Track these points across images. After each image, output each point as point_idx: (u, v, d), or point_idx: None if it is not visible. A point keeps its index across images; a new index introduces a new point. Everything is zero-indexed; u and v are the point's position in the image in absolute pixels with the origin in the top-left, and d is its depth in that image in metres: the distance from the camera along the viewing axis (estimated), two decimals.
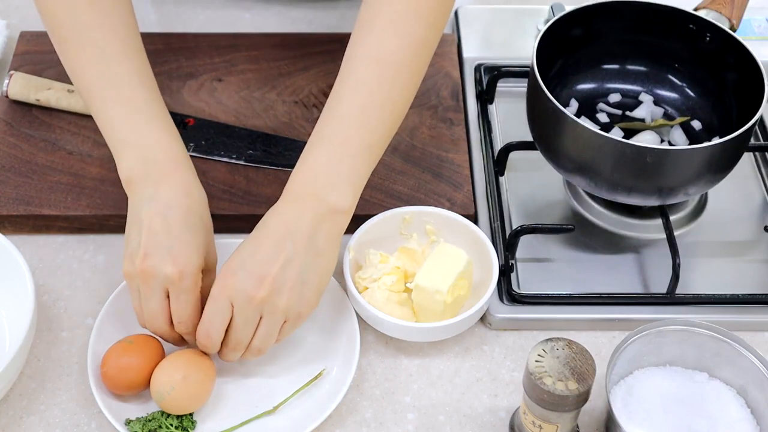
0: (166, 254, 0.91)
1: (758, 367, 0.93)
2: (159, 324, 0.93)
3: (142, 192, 0.94)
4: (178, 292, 0.92)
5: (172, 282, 0.91)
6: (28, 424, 0.95)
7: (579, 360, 0.86)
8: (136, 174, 0.95)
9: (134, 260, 0.91)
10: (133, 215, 0.95)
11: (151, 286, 0.91)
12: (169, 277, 0.90)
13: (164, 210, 0.93)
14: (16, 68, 1.22)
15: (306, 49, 1.28)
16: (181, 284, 0.91)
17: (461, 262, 1.00)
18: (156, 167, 0.95)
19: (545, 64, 1.06)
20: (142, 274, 0.91)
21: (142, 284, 0.92)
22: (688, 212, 1.13)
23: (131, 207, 0.95)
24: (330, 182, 0.94)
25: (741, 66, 1.07)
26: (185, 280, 0.91)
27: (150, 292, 0.92)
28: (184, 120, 1.18)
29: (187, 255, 0.92)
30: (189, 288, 0.92)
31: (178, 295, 0.92)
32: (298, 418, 0.94)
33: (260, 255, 0.92)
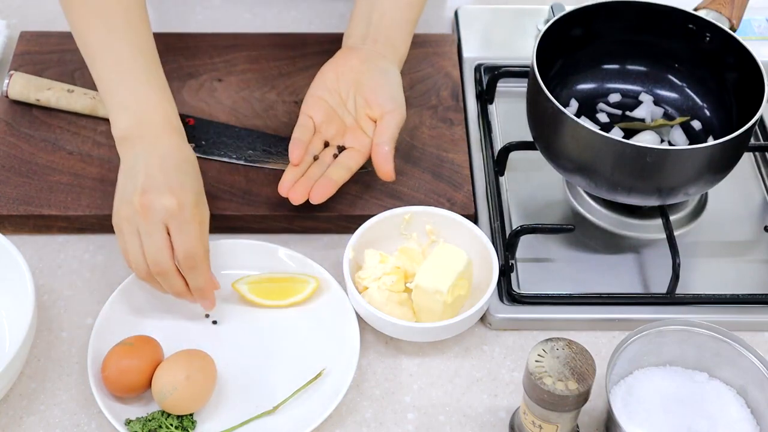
0: (164, 189, 0.95)
1: (758, 367, 0.93)
2: (163, 259, 0.95)
3: (137, 148, 0.99)
4: (180, 223, 0.94)
5: (172, 214, 0.94)
6: (28, 424, 0.95)
7: (579, 360, 0.86)
8: (132, 133, 1.00)
9: (132, 200, 0.95)
10: (127, 169, 0.99)
11: (152, 220, 0.94)
12: (169, 208, 0.94)
13: (160, 159, 0.98)
14: (16, 68, 1.22)
15: (306, 49, 1.28)
16: (181, 215, 0.94)
17: (461, 262, 1.00)
18: (152, 128, 1.00)
19: (545, 64, 1.06)
20: (141, 209, 0.94)
21: (143, 220, 0.94)
22: (688, 212, 1.13)
23: (125, 162, 0.99)
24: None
25: (741, 66, 1.07)
26: (185, 210, 0.94)
27: (152, 227, 0.94)
28: (184, 120, 1.18)
29: (185, 190, 0.96)
30: (189, 218, 0.95)
31: (180, 226, 0.94)
32: (298, 418, 0.94)
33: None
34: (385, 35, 1.13)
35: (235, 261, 1.05)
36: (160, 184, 0.95)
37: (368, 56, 1.11)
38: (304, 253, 1.06)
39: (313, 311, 1.03)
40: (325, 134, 1.09)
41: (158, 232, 0.94)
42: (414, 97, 1.23)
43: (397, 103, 1.08)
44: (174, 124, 1.02)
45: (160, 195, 0.94)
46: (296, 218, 1.10)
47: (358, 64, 1.10)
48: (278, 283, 1.04)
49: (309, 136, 1.08)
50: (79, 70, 1.23)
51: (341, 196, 1.11)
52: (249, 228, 1.11)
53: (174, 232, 0.95)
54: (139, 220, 0.94)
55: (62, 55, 1.25)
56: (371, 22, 1.13)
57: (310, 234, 1.11)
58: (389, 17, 1.13)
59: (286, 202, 1.10)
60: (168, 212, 0.94)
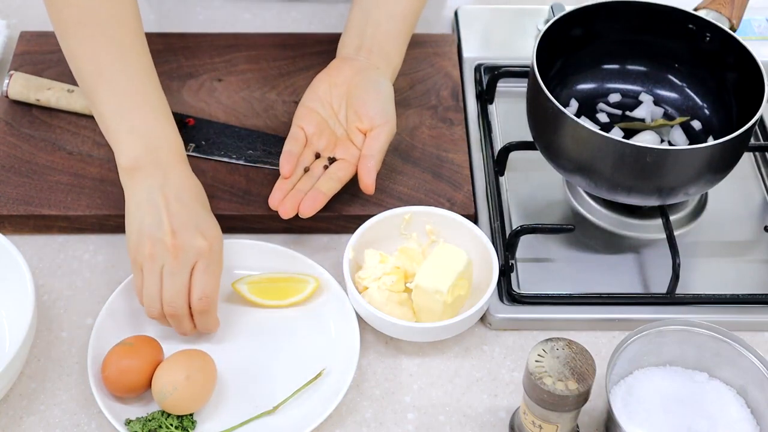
0: (194, 229, 0.96)
1: (758, 367, 0.93)
2: (180, 302, 0.95)
3: (150, 179, 0.98)
4: (207, 263, 0.96)
5: (203, 254, 0.95)
6: (28, 424, 0.95)
7: (579, 360, 0.86)
8: (143, 162, 0.99)
9: (162, 239, 0.95)
10: (142, 201, 0.97)
11: (182, 261, 0.95)
12: (201, 250, 0.95)
13: (177, 193, 0.98)
14: (16, 68, 1.22)
15: (306, 49, 1.28)
16: (210, 256, 0.96)
17: (461, 262, 1.00)
18: (163, 157, 0.99)
19: (545, 64, 1.06)
20: (174, 249, 0.94)
21: (173, 260, 0.94)
22: (688, 212, 1.13)
23: (136, 194, 0.98)
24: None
25: (741, 66, 1.07)
26: (213, 252, 0.96)
27: (179, 267, 0.95)
28: (184, 120, 1.18)
29: (212, 228, 0.98)
30: (217, 259, 0.97)
31: (207, 268, 0.96)
32: (298, 418, 0.94)
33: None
34: (380, 46, 1.13)
35: (235, 261, 1.05)
36: (189, 224, 0.96)
37: (361, 68, 1.11)
38: (304, 253, 1.06)
39: (313, 311, 1.03)
40: (316, 146, 1.09)
41: (184, 273, 0.95)
42: (414, 97, 1.23)
43: (387, 117, 1.09)
44: (182, 153, 1.02)
45: (192, 237, 0.95)
46: (296, 218, 1.10)
47: (351, 75, 1.11)
48: (278, 283, 1.04)
49: (300, 148, 1.08)
50: None
51: (341, 196, 1.11)
52: (249, 228, 1.11)
53: (198, 273, 0.95)
54: (169, 259, 0.94)
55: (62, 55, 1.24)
56: (366, 33, 1.13)
57: (310, 234, 1.11)
58: (384, 29, 1.13)
59: None
60: (199, 253, 0.95)
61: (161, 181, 0.98)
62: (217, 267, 0.97)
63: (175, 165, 1.00)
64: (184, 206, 0.97)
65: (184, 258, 0.95)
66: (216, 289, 0.97)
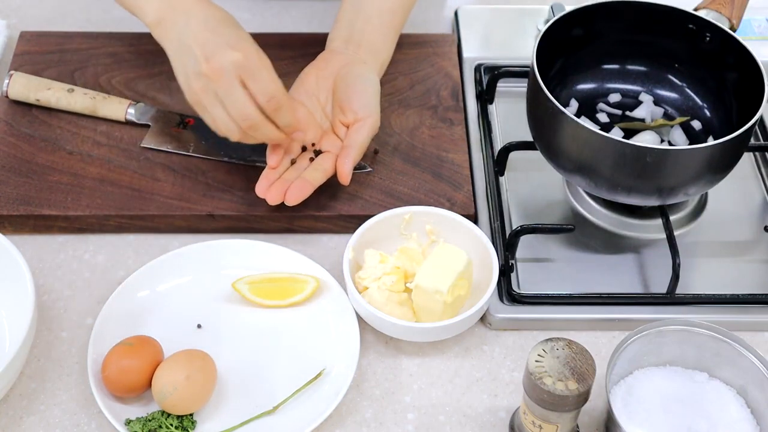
0: (224, 47, 0.98)
1: (758, 367, 0.93)
2: (251, 111, 0.99)
3: (175, 24, 1.02)
4: (252, 72, 0.99)
5: (242, 66, 0.98)
6: (28, 424, 0.95)
7: (579, 360, 0.86)
8: (165, 12, 1.04)
9: (199, 70, 0.98)
10: (177, 48, 1.02)
11: (226, 80, 0.98)
12: (237, 62, 0.98)
13: (203, 23, 1.01)
14: (16, 68, 1.22)
15: (306, 49, 1.27)
16: (250, 64, 0.98)
17: (461, 262, 1.00)
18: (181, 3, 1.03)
19: (545, 64, 1.06)
20: (212, 73, 0.98)
21: (218, 83, 0.98)
22: (688, 212, 1.13)
23: (171, 44, 1.03)
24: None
25: (741, 66, 1.07)
26: (251, 59, 0.99)
27: (229, 86, 0.98)
28: (184, 120, 1.18)
29: (243, 40, 1.01)
30: (258, 65, 0.99)
31: (253, 75, 0.99)
32: (298, 418, 0.94)
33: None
34: (368, 40, 1.14)
35: (235, 261, 1.05)
36: (218, 44, 0.99)
37: (348, 61, 1.13)
38: (304, 253, 1.06)
39: (313, 311, 1.03)
40: (302, 138, 1.10)
41: (237, 88, 0.98)
42: (414, 97, 1.23)
43: (369, 111, 1.10)
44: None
45: (223, 54, 0.98)
46: (296, 218, 1.10)
47: (338, 68, 1.12)
48: (278, 283, 1.04)
49: (287, 140, 1.09)
50: (79, 70, 1.23)
51: (341, 196, 1.11)
52: (249, 228, 1.11)
53: (249, 81, 0.99)
54: (215, 85, 0.98)
55: (62, 55, 1.25)
56: (355, 27, 1.15)
57: (310, 234, 1.11)
58: (373, 23, 1.15)
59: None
60: (237, 66, 0.98)
61: (184, 20, 1.01)
62: (263, 71, 0.99)
63: (195, 4, 1.03)
64: (212, 32, 1.00)
65: (226, 76, 0.98)
66: (277, 86, 1.00)
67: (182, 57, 1.01)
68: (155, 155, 1.15)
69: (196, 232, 1.11)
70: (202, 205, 1.10)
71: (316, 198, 1.10)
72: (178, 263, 1.05)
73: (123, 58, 1.25)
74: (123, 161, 1.14)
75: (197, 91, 1.00)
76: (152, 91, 1.22)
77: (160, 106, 1.20)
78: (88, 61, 1.25)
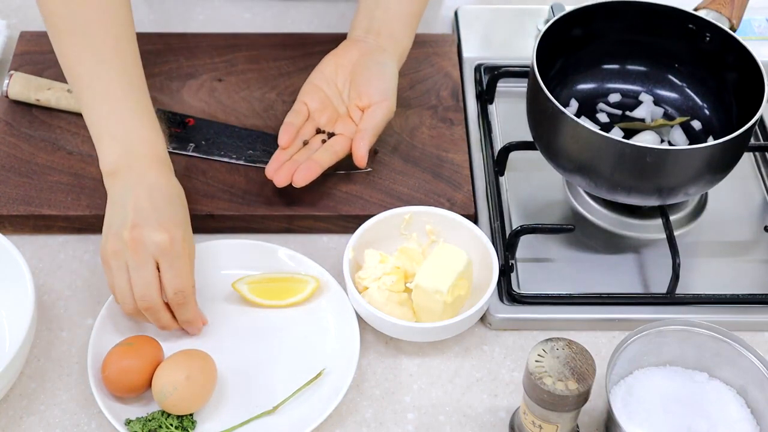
0: (155, 223, 0.95)
1: (758, 367, 0.93)
2: (151, 294, 0.94)
3: (126, 181, 0.99)
4: (171, 259, 0.94)
5: (163, 249, 0.94)
6: (28, 424, 0.95)
7: (579, 360, 0.86)
8: (121, 166, 1.00)
9: (121, 233, 0.94)
10: (115, 202, 0.98)
11: (142, 255, 0.94)
12: (160, 244, 0.94)
13: (148, 191, 0.97)
14: (16, 68, 1.22)
15: (306, 49, 1.28)
16: (172, 250, 0.94)
17: (461, 262, 1.00)
18: (140, 160, 0.99)
19: (545, 64, 1.06)
20: (132, 242, 0.94)
21: (133, 255, 0.94)
22: (688, 212, 1.13)
23: (112, 196, 0.99)
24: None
25: (741, 66, 1.07)
26: (175, 245, 0.95)
27: (141, 262, 0.94)
28: (184, 120, 1.18)
29: (175, 224, 0.96)
30: (180, 253, 0.95)
31: (171, 262, 0.95)
32: (298, 418, 0.94)
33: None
34: (388, 28, 1.15)
35: (235, 261, 1.05)
36: (151, 218, 0.95)
37: (369, 50, 1.14)
38: (304, 253, 1.06)
39: (313, 311, 1.03)
40: (318, 121, 1.12)
41: (148, 267, 0.94)
42: (414, 97, 1.23)
43: (385, 96, 1.11)
44: (162, 156, 1.02)
45: (151, 230, 0.94)
46: (296, 218, 1.10)
47: (358, 56, 1.13)
48: (278, 283, 1.04)
49: (301, 121, 1.10)
50: None
51: (341, 196, 1.11)
52: (249, 228, 1.11)
53: (165, 268, 0.95)
54: (129, 254, 0.94)
55: None
56: (375, 15, 1.15)
57: (310, 234, 1.11)
58: (393, 10, 1.15)
59: (287, 202, 1.10)
60: (159, 248, 0.94)
61: (135, 182, 0.98)
62: (182, 261, 0.95)
63: (153, 168, 0.99)
64: (152, 204, 0.96)
65: (143, 252, 0.94)
66: (189, 283, 0.96)
67: (113, 214, 0.97)
68: None
69: (196, 232, 1.10)
70: (202, 205, 1.10)
71: (316, 198, 1.10)
72: None
73: None
74: None
75: (110, 251, 0.95)
76: (152, 91, 1.21)
77: (160, 106, 1.20)
78: None
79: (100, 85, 1.01)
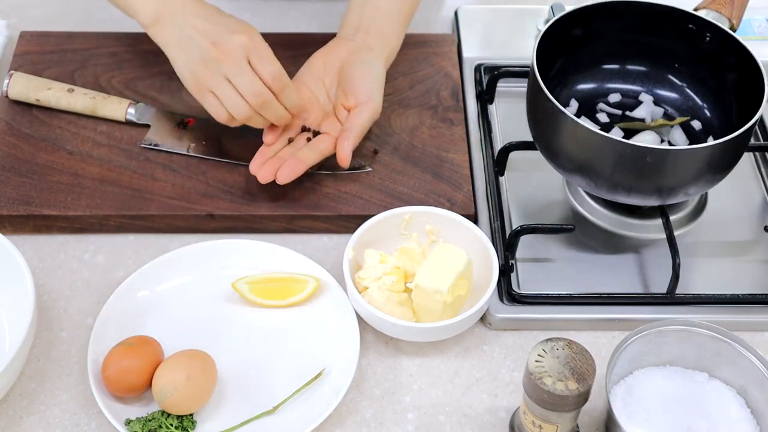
0: (228, 32, 1.03)
1: (758, 367, 0.93)
2: (262, 88, 1.03)
3: (173, 20, 1.06)
4: (258, 52, 1.04)
5: (248, 47, 1.03)
6: (28, 424, 0.95)
7: (579, 360, 0.86)
8: (160, 11, 1.07)
9: (208, 56, 1.02)
10: (176, 41, 1.06)
11: (236, 59, 1.02)
12: (244, 43, 1.03)
13: (199, 17, 1.05)
14: (16, 68, 1.22)
15: (306, 49, 1.27)
16: (255, 45, 1.03)
17: (461, 262, 1.00)
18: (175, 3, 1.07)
19: (545, 64, 1.06)
20: (224, 55, 1.02)
21: (230, 63, 1.02)
22: (688, 212, 1.13)
23: (170, 40, 1.06)
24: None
25: (741, 66, 1.07)
26: (255, 40, 1.04)
27: (238, 64, 1.02)
28: (184, 120, 1.18)
29: (242, 24, 1.05)
30: (262, 44, 1.04)
31: (259, 55, 1.03)
32: (298, 418, 0.94)
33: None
34: (377, 27, 1.16)
35: (235, 261, 1.05)
36: (220, 31, 1.03)
37: (357, 48, 1.15)
38: (304, 253, 1.06)
39: (313, 311, 1.03)
40: (304, 119, 1.13)
41: (245, 67, 1.03)
42: (414, 97, 1.23)
43: (370, 97, 1.12)
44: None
45: (230, 37, 1.02)
46: (296, 218, 1.10)
47: (346, 55, 1.15)
48: (278, 283, 1.04)
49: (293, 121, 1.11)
50: (79, 70, 1.23)
51: (341, 196, 1.11)
52: (249, 228, 1.11)
53: (255, 62, 1.03)
54: (225, 65, 1.02)
55: (62, 55, 1.25)
56: (364, 13, 1.17)
57: (310, 234, 1.11)
58: (383, 9, 1.17)
59: (286, 202, 1.10)
60: (245, 47, 1.03)
61: (181, 16, 1.05)
62: (267, 50, 1.04)
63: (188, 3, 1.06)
64: (210, 22, 1.04)
65: (236, 56, 1.02)
66: (281, 69, 1.04)
67: (186, 49, 1.04)
68: (155, 155, 1.15)
69: (196, 232, 1.11)
70: (202, 205, 1.10)
71: (316, 198, 1.11)
72: (178, 263, 1.05)
73: (123, 58, 1.25)
74: (123, 161, 1.14)
75: (205, 77, 1.03)
76: (152, 91, 1.22)
77: (160, 106, 1.20)
78: (88, 61, 1.25)
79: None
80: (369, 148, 1.16)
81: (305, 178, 1.11)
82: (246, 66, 1.03)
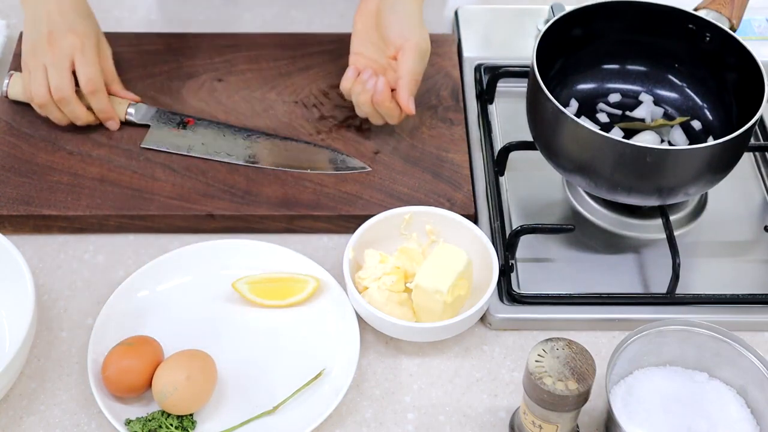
0: (67, 30, 1.12)
1: (758, 367, 0.93)
2: (65, 86, 1.11)
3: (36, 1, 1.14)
4: (82, 56, 1.12)
5: (76, 48, 1.12)
6: (28, 424, 0.95)
7: (579, 360, 0.86)
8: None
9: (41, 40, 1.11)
10: (30, 18, 1.13)
11: (58, 54, 1.11)
12: (73, 44, 1.11)
13: (57, 5, 1.13)
14: (16, 68, 1.22)
15: (306, 49, 1.28)
16: (84, 48, 1.12)
17: (461, 262, 1.00)
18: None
19: (545, 64, 1.06)
20: (49, 45, 1.11)
21: (50, 55, 1.11)
22: (688, 212, 1.13)
23: (28, 14, 1.14)
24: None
25: (741, 66, 1.07)
26: (87, 43, 1.13)
27: (58, 60, 1.11)
28: (184, 120, 1.18)
29: (87, 28, 1.14)
30: (91, 50, 1.13)
31: (83, 58, 1.12)
32: (298, 418, 0.94)
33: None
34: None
35: (235, 261, 1.05)
36: (64, 25, 1.12)
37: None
38: (304, 253, 1.06)
39: (313, 311, 1.03)
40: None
41: (63, 63, 1.11)
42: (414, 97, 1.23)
43: (405, 37, 1.11)
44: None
45: (65, 35, 1.11)
46: (296, 218, 1.10)
47: (375, 6, 1.13)
48: (278, 283, 1.04)
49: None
50: None
51: (341, 196, 1.11)
52: (249, 228, 1.11)
53: (78, 63, 1.12)
54: (48, 55, 1.11)
55: None
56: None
57: (310, 234, 1.11)
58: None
59: (286, 202, 1.10)
60: (72, 47, 1.11)
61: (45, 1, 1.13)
62: (93, 54, 1.13)
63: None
64: (62, 15, 1.12)
65: (59, 51, 1.11)
66: (98, 75, 1.13)
67: (32, 25, 1.13)
68: (155, 155, 1.15)
69: (196, 232, 1.11)
70: (202, 205, 1.10)
71: (316, 198, 1.10)
72: (178, 263, 1.05)
73: (123, 58, 1.25)
74: (123, 161, 1.14)
75: (31, 53, 1.12)
76: (152, 91, 1.22)
77: (160, 106, 1.20)
78: None
79: None
80: (369, 149, 1.16)
81: (305, 178, 1.11)
82: (65, 63, 1.11)
